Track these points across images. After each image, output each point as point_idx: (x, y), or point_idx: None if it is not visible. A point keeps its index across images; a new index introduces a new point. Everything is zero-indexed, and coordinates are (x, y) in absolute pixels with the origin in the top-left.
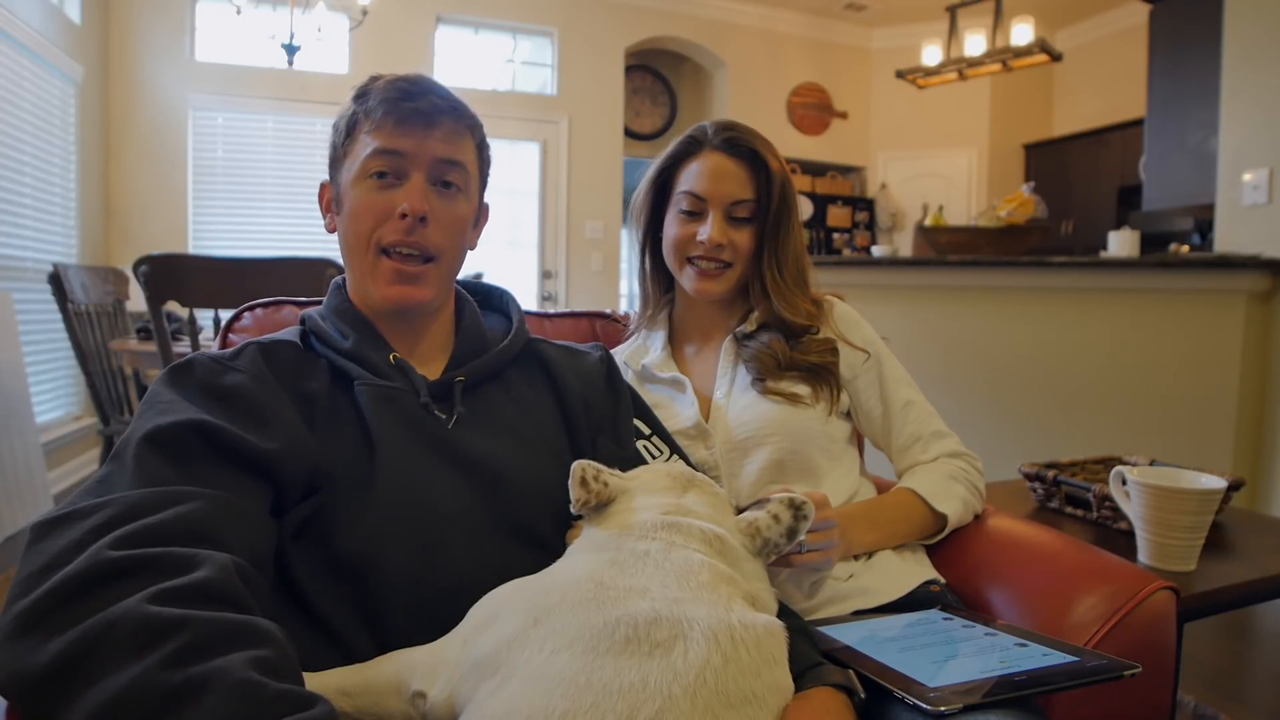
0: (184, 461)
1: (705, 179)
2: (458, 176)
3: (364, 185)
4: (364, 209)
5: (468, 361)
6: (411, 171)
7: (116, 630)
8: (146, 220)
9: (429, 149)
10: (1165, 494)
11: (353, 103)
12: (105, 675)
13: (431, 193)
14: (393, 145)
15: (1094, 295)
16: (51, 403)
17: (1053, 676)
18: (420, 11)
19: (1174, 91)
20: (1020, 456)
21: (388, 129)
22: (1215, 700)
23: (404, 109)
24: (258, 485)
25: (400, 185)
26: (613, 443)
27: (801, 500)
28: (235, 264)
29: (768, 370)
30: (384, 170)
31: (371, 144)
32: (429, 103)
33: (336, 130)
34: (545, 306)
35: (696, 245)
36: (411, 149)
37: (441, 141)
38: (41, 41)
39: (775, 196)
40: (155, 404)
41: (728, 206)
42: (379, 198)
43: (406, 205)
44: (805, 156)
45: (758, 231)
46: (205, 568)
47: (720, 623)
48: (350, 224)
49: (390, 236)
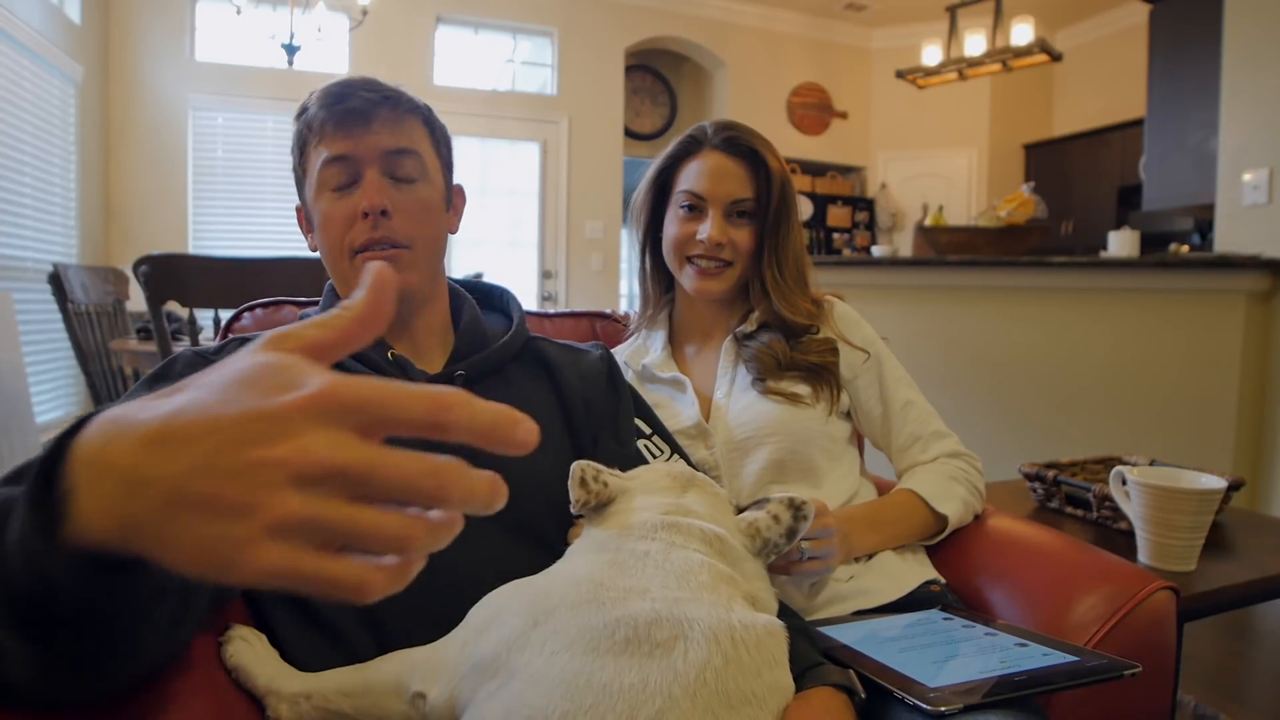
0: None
1: (705, 178)
2: (411, 163)
3: (325, 198)
4: (330, 219)
5: (468, 357)
6: (363, 170)
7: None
8: (146, 220)
9: (373, 143)
10: (1165, 494)
11: (296, 121)
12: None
13: (388, 185)
14: (338, 150)
15: (1094, 295)
16: (51, 403)
17: (1053, 676)
18: (420, 11)
19: (1174, 91)
20: (1020, 456)
21: (330, 135)
22: (1215, 700)
23: (339, 111)
24: None
25: (357, 187)
26: (613, 441)
27: (801, 500)
28: (235, 264)
29: (768, 370)
30: (339, 177)
31: (321, 154)
32: (361, 99)
33: (293, 152)
34: (545, 306)
35: (696, 244)
36: (356, 150)
37: (384, 134)
38: (41, 41)
39: (775, 195)
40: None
41: (727, 205)
42: (340, 205)
43: (365, 203)
44: (805, 156)
45: (757, 230)
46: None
47: (721, 623)
48: (323, 235)
49: (359, 238)
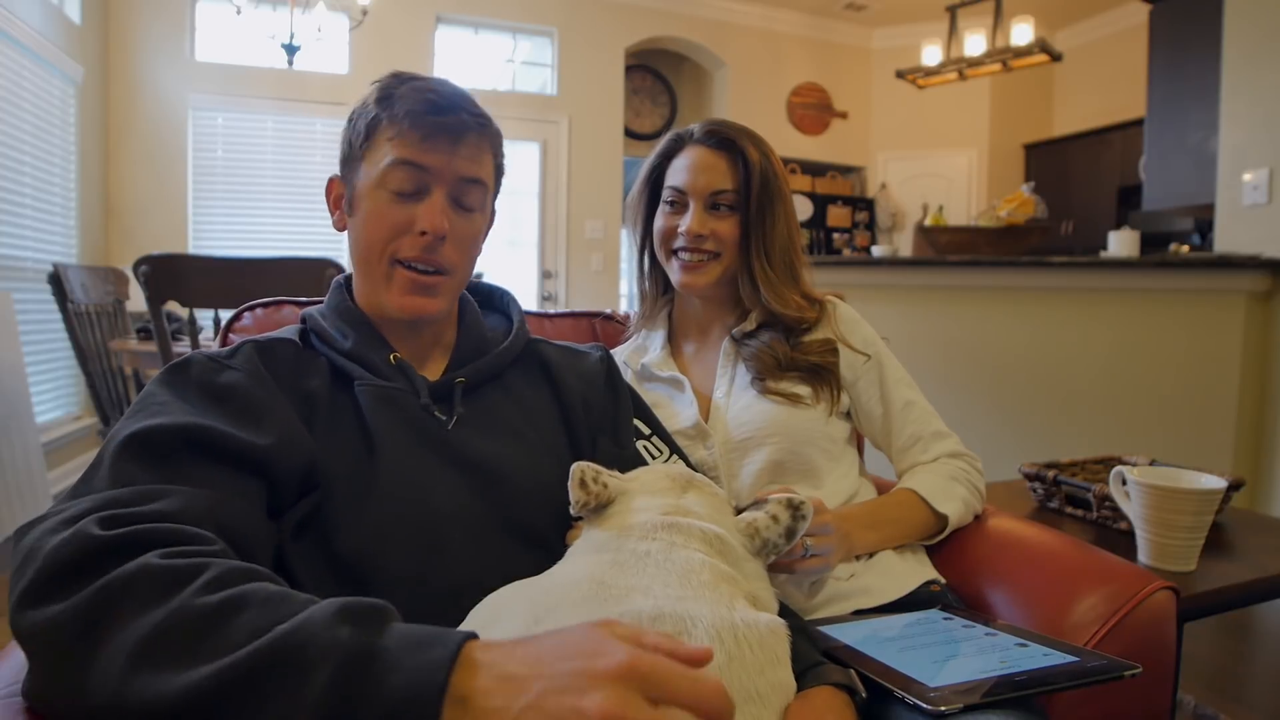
0: (163, 463)
1: (685, 172)
2: (477, 194)
3: (382, 195)
4: (381, 220)
5: (468, 362)
6: (433, 187)
7: (136, 583)
8: (146, 220)
9: (454, 168)
10: (1165, 494)
11: (375, 105)
12: (137, 616)
13: (451, 211)
14: (417, 159)
15: (1094, 295)
16: (51, 403)
17: (1053, 676)
18: (420, 11)
19: (1174, 91)
20: (1020, 456)
21: (413, 142)
22: (1215, 700)
23: (431, 123)
24: (249, 481)
25: (420, 200)
26: (612, 443)
27: (800, 501)
28: (235, 264)
29: (767, 370)
30: (405, 183)
31: (393, 154)
32: (459, 119)
33: (354, 128)
34: (545, 306)
35: (679, 237)
36: (436, 165)
37: (466, 160)
38: (41, 41)
39: (755, 185)
40: (149, 404)
41: (708, 197)
42: (398, 210)
43: (427, 225)
44: (805, 156)
45: (741, 220)
46: (200, 542)
47: (724, 621)
48: (365, 232)
49: (407, 252)
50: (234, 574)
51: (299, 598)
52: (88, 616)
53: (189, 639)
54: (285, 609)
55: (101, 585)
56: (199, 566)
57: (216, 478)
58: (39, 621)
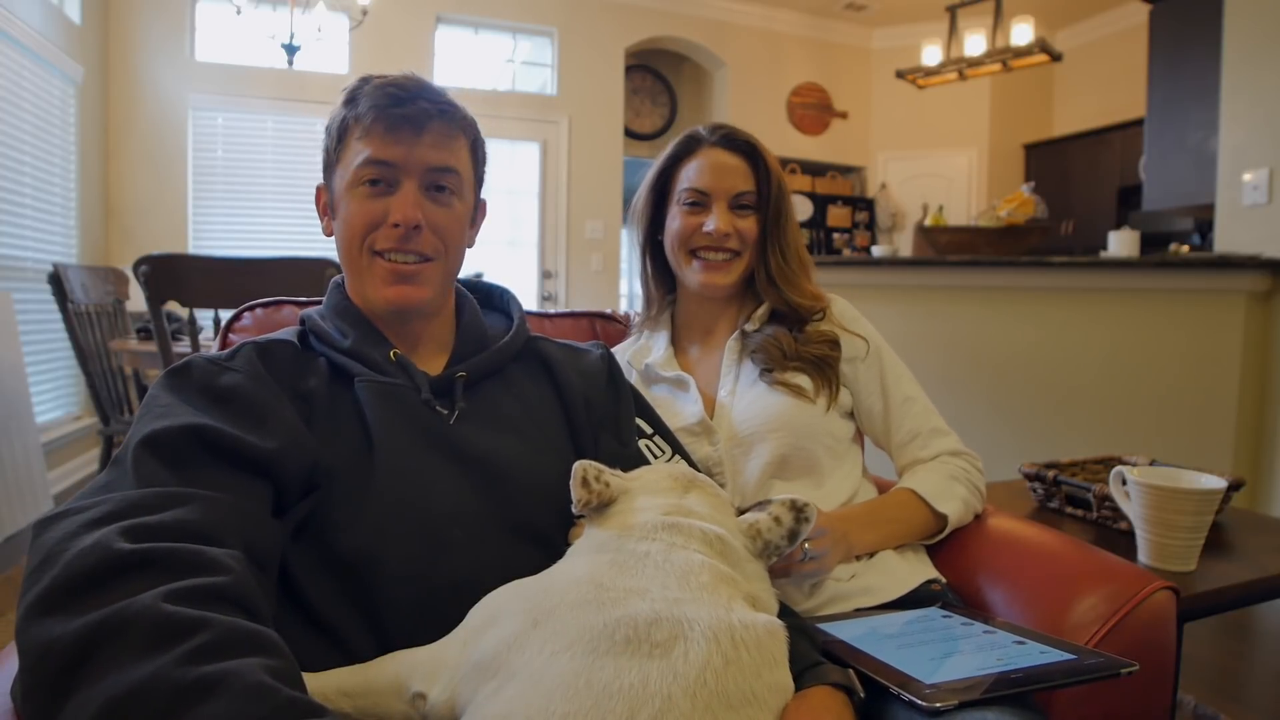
0: (181, 464)
1: (707, 174)
2: (450, 181)
3: (356, 192)
4: (357, 216)
5: (469, 358)
6: (403, 180)
7: (134, 626)
8: (146, 220)
9: (420, 157)
10: (1165, 494)
11: (343, 107)
12: (121, 667)
13: (424, 200)
14: (383, 155)
15: (1094, 295)
16: (51, 403)
17: (1050, 674)
18: (420, 11)
19: (1174, 91)
20: (1020, 456)
21: (378, 136)
22: (1215, 700)
23: (393, 115)
24: (257, 485)
25: (392, 192)
26: (614, 441)
27: (804, 503)
28: (235, 264)
29: (774, 361)
30: (375, 178)
31: (363, 152)
32: (418, 108)
33: (328, 134)
34: (545, 306)
35: (703, 236)
36: (402, 158)
37: (432, 148)
38: (41, 41)
39: (773, 186)
40: (153, 408)
41: (731, 198)
42: (371, 205)
43: (399, 216)
44: (805, 156)
45: (760, 220)
46: (217, 569)
47: (721, 623)
48: (344, 230)
49: (384, 243)
50: (229, 641)
51: (278, 697)
52: (81, 651)
53: (149, 716)
54: (254, 710)
55: (107, 615)
56: (198, 623)
57: (229, 481)
58: (39, 639)
